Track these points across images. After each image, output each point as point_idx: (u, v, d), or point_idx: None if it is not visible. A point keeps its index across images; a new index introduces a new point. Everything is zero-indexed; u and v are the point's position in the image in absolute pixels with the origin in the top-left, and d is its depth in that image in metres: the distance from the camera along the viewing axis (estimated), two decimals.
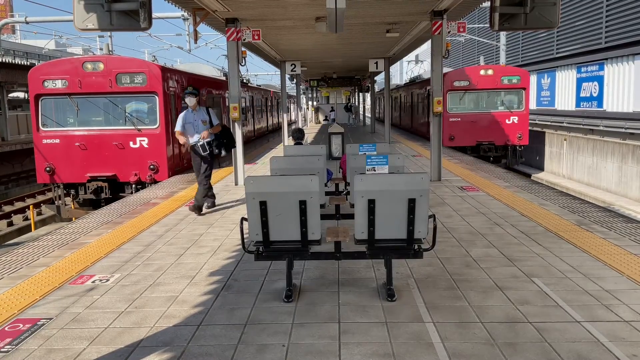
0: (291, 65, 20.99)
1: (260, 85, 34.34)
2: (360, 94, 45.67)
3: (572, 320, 4.18)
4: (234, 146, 9.11)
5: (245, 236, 4.83)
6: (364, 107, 42.52)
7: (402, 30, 13.84)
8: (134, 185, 12.81)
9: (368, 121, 40.73)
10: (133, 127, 13.02)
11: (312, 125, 40.77)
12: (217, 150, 8.45)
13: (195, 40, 12.63)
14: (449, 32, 11.12)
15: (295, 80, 31.29)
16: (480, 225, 7.34)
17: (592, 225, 7.10)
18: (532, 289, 4.87)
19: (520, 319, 4.23)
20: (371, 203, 4.55)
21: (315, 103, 46.98)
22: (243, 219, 4.76)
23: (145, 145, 13.01)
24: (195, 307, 4.62)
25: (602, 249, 6.02)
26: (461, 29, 11.10)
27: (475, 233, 6.92)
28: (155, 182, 12.79)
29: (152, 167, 12.91)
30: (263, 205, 4.54)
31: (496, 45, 31.38)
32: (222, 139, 8.56)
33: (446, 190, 10.17)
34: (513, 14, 8.05)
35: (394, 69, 78.88)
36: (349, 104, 41.88)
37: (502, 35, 28.95)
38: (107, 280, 5.41)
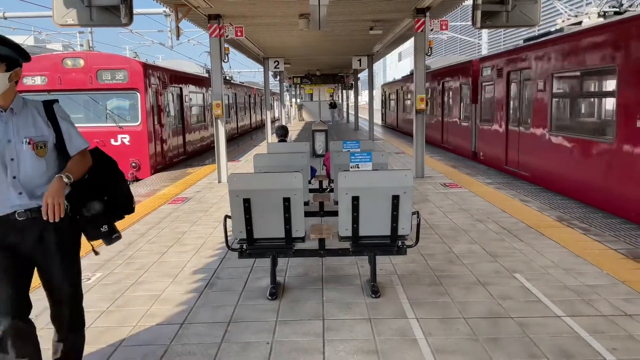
0: (274, 62, 20.94)
1: (243, 83, 34.19)
2: (344, 91, 45.71)
3: (554, 315, 4.23)
4: (132, 209, 3.37)
5: (228, 234, 4.80)
6: (347, 104, 42.54)
7: (385, 27, 13.88)
8: None
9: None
10: (114, 124, 12.88)
11: (296, 122, 40.74)
12: (105, 228, 3.12)
13: (177, 36, 12.52)
14: (431, 30, 11.17)
15: (278, 77, 31.22)
16: (462, 221, 7.40)
17: (573, 221, 7.20)
18: (514, 284, 4.92)
19: (503, 314, 4.27)
20: (355, 200, 4.56)
21: (299, 100, 46.92)
22: (227, 216, 4.73)
23: (127, 143, 12.88)
24: (178, 306, 4.59)
25: (582, 244, 6.11)
26: (444, 27, 11.16)
27: (457, 229, 6.97)
28: (137, 180, 12.67)
29: (134, 164, 12.79)
30: (247, 202, 4.52)
31: (478, 42, 31.63)
32: (108, 187, 3.22)
33: (429, 187, 10.23)
34: (495, 12, 8.13)
35: (377, 66, 79.16)
36: (332, 102, 41.91)
37: (484, 33, 29.23)
38: (89, 279, 5.34)
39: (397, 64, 73.37)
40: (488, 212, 7.93)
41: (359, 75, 31.68)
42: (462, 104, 15.90)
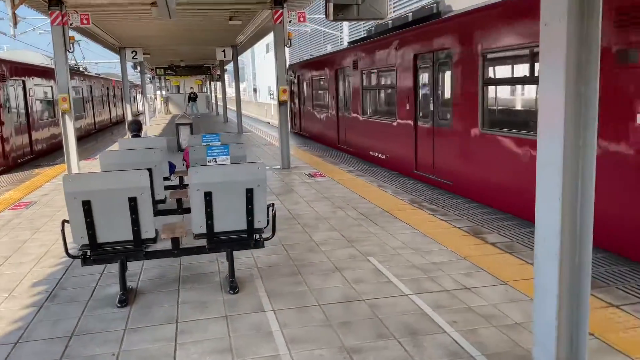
0: (132, 52, 19.82)
1: (100, 74, 31.95)
2: (212, 83, 44.68)
3: (402, 294, 4.46)
4: None
5: (68, 240, 4.41)
6: (215, 96, 41.64)
7: (244, 18, 13.73)
8: None
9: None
10: None
11: (162, 115, 39.07)
12: None
13: (15, 24, 11.29)
14: (290, 22, 11.24)
15: (139, 68, 29.63)
16: (324, 210, 7.56)
17: (423, 203, 7.69)
18: (368, 267, 5.12)
19: (356, 297, 4.41)
20: (207, 196, 4.42)
21: (164, 92, 45.02)
22: (64, 221, 4.34)
23: None
24: (13, 324, 4.12)
25: (430, 224, 6.53)
26: (301, 19, 11.28)
27: (319, 218, 7.11)
28: None
29: None
30: (86, 205, 4.17)
31: (340, 35, 32.61)
32: None
33: (295, 178, 10.34)
34: (346, 5, 8.35)
35: (247, 58, 78.43)
36: (193, 93, 40.84)
37: (345, 26, 30.18)
38: None
39: (265, 55, 73.24)
40: (348, 199, 8.19)
41: (225, 67, 31.12)
42: None
